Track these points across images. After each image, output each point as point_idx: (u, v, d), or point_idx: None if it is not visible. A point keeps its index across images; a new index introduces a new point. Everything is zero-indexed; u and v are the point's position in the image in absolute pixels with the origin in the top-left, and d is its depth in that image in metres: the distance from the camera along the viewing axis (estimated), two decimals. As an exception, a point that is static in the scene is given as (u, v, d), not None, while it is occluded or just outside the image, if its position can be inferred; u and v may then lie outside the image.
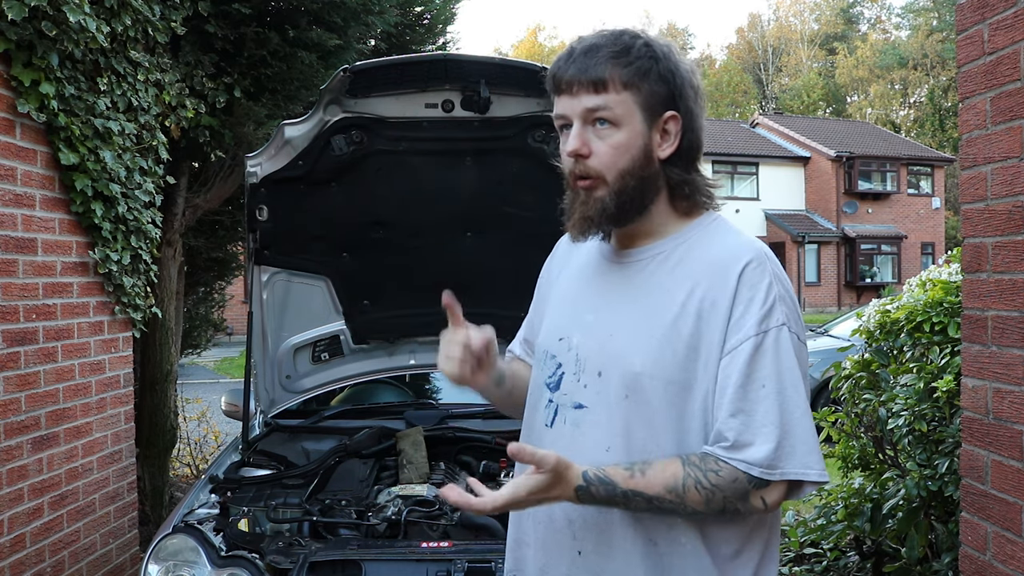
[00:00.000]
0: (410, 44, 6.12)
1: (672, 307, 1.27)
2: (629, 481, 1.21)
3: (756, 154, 27.38)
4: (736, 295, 1.24)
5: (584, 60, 1.26)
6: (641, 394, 1.25)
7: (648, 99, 1.27)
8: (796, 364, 1.23)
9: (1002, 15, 1.85)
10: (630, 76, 1.26)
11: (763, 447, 1.19)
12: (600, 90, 1.25)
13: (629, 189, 1.28)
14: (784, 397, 1.21)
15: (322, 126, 2.78)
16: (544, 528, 1.35)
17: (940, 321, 2.80)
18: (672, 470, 1.21)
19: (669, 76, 1.28)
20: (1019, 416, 1.82)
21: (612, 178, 1.27)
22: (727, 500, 1.21)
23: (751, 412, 1.20)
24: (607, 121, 1.26)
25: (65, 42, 3.01)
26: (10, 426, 2.96)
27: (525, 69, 2.63)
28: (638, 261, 1.35)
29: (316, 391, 3.55)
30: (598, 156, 1.27)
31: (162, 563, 2.25)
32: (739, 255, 1.27)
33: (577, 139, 1.27)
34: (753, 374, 1.21)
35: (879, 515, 2.97)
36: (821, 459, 1.22)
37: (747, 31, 51.40)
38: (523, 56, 43.55)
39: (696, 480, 1.20)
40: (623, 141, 1.27)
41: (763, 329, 1.22)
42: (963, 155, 2.02)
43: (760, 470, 1.19)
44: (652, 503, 1.21)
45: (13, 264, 2.97)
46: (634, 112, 1.27)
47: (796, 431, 1.20)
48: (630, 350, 1.27)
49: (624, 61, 1.26)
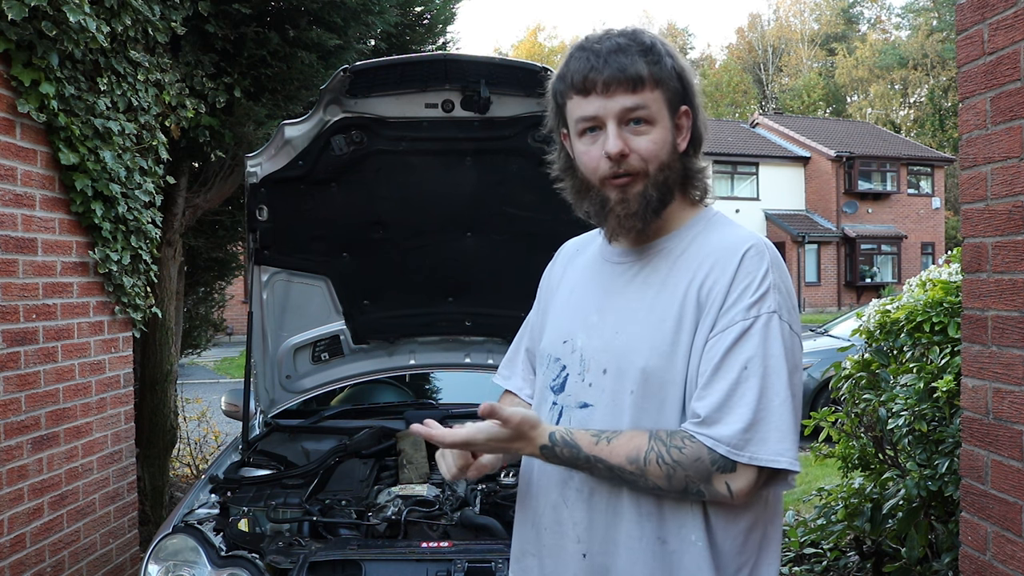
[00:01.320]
0: (410, 44, 6.12)
1: (674, 299, 1.27)
2: (594, 448, 1.23)
3: (756, 154, 27.37)
4: (733, 280, 1.25)
5: (618, 59, 1.25)
6: (647, 389, 1.26)
7: (671, 96, 1.30)
8: (783, 352, 1.22)
9: (1002, 15, 1.85)
10: (659, 74, 1.28)
11: (732, 425, 1.17)
12: (639, 89, 1.26)
13: (665, 181, 1.30)
14: (765, 383, 1.19)
15: (322, 126, 2.78)
16: (549, 535, 1.35)
17: (940, 321, 2.80)
18: (637, 442, 1.21)
19: (682, 73, 1.31)
20: (1019, 416, 1.82)
21: (653, 171, 1.29)
22: (688, 479, 1.19)
23: (728, 392, 1.19)
24: (643, 120, 1.27)
25: (65, 42, 3.01)
26: (10, 426, 2.96)
27: (525, 69, 2.63)
28: (640, 259, 1.35)
29: (316, 391, 3.55)
30: (638, 153, 1.28)
31: (162, 563, 2.25)
32: (739, 244, 1.28)
33: (619, 140, 1.27)
34: (736, 355, 1.20)
35: (879, 515, 2.97)
36: (794, 449, 1.20)
37: (747, 31, 51.40)
38: (523, 56, 43.55)
39: (658, 454, 1.20)
40: (660, 137, 1.29)
41: (753, 315, 1.22)
42: (963, 155, 2.02)
43: (726, 448, 1.17)
44: (613, 472, 1.23)
45: (13, 264, 2.97)
46: (663, 108, 1.29)
47: (771, 418, 1.18)
48: (636, 346, 1.28)
49: (652, 59, 1.27)
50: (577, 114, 1.29)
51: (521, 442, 1.26)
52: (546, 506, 1.36)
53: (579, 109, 1.29)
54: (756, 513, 1.28)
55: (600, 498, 1.29)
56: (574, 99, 1.29)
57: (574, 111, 1.30)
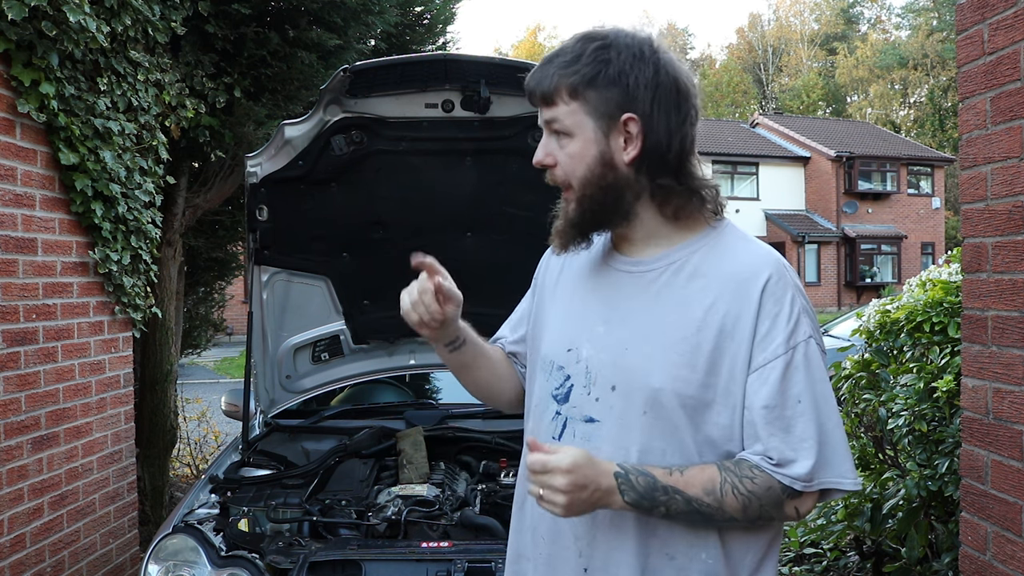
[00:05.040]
0: (410, 44, 6.12)
1: (691, 322, 1.24)
2: (668, 478, 1.20)
3: (756, 154, 27.37)
4: (760, 310, 1.23)
5: (538, 73, 1.28)
6: (660, 410, 1.24)
7: (598, 105, 1.24)
8: (825, 375, 1.25)
9: (1002, 15, 1.85)
10: (576, 84, 1.24)
11: (805, 463, 1.20)
12: (550, 103, 1.27)
13: (591, 197, 1.27)
14: (819, 411, 1.22)
15: (322, 126, 2.78)
16: (548, 544, 1.33)
17: (940, 321, 2.80)
18: (709, 473, 1.21)
19: (620, 78, 1.23)
20: (1019, 416, 1.82)
21: (577, 186, 1.28)
22: (763, 508, 1.21)
23: (789, 429, 1.21)
24: (560, 132, 1.27)
25: (65, 42, 3.01)
26: (10, 426, 2.97)
27: (525, 69, 2.62)
28: (651, 271, 1.31)
29: (316, 391, 3.55)
30: (561, 166, 1.28)
31: (162, 563, 2.25)
32: (759, 268, 1.26)
33: (541, 150, 1.29)
34: (788, 391, 1.21)
35: (879, 515, 2.97)
36: (853, 467, 1.25)
37: (747, 31, 51.40)
38: (523, 56, 43.51)
39: (733, 485, 1.20)
40: (577, 150, 1.26)
41: (791, 345, 1.22)
42: (963, 155, 2.02)
43: (802, 484, 1.21)
44: (691, 504, 1.20)
45: (13, 264, 2.97)
46: (584, 120, 1.25)
47: (831, 442, 1.23)
48: (648, 366, 1.25)
49: (572, 70, 1.24)
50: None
51: (592, 467, 1.19)
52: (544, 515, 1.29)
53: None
54: (777, 527, 1.30)
55: (604, 512, 1.25)
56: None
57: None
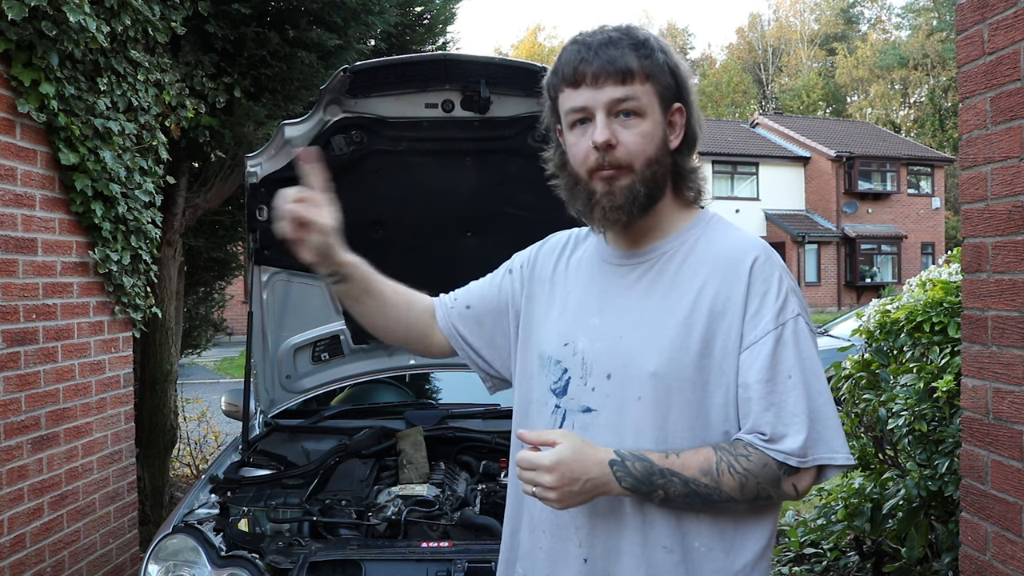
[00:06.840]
0: (410, 44, 6.12)
1: (682, 306, 1.27)
2: (664, 461, 1.22)
3: (756, 154, 27.36)
4: (749, 290, 1.26)
5: (608, 52, 1.26)
6: (655, 395, 1.25)
7: (663, 91, 1.29)
8: (814, 352, 1.27)
9: (1002, 15, 1.85)
10: (650, 68, 1.27)
11: (797, 437, 1.21)
12: (628, 81, 1.26)
13: (653, 176, 1.29)
14: (808, 386, 1.24)
15: (322, 126, 2.78)
16: (549, 538, 1.34)
17: (940, 321, 2.80)
18: (704, 454, 1.22)
19: (676, 69, 1.31)
20: (1019, 416, 1.82)
21: (640, 166, 1.28)
22: (760, 486, 1.22)
23: (781, 404, 1.23)
24: (632, 112, 1.27)
25: (65, 42, 3.01)
26: (10, 426, 2.96)
27: (525, 69, 2.62)
28: (644, 262, 1.34)
29: (316, 391, 3.55)
30: (625, 146, 1.27)
31: (162, 563, 2.25)
32: (745, 251, 1.29)
33: (607, 130, 1.26)
34: (778, 367, 1.23)
35: (879, 515, 2.97)
36: (845, 442, 1.26)
37: (747, 31, 51.40)
38: (523, 56, 43.53)
39: (729, 464, 1.21)
40: (648, 130, 1.28)
41: (781, 321, 1.25)
42: (963, 155, 2.02)
43: (796, 460, 1.22)
44: (688, 486, 1.21)
45: (13, 264, 2.97)
46: (655, 103, 1.28)
47: (822, 417, 1.24)
48: (642, 351, 1.27)
49: (644, 53, 1.27)
50: (567, 105, 1.30)
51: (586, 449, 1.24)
52: (544, 508, 1.32)
53: (569, 101, 1.29)
54: (774, 518, 1.31)
55: (602, 503, 1.27)
56: (565, 91, 1.30)
57: (565, 103, 1.30)
